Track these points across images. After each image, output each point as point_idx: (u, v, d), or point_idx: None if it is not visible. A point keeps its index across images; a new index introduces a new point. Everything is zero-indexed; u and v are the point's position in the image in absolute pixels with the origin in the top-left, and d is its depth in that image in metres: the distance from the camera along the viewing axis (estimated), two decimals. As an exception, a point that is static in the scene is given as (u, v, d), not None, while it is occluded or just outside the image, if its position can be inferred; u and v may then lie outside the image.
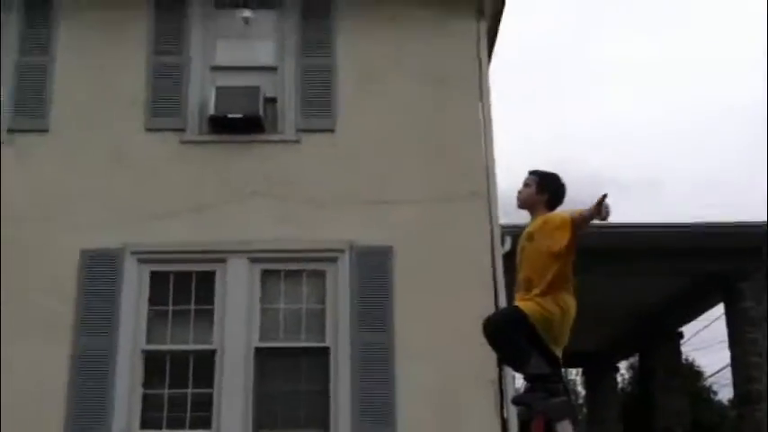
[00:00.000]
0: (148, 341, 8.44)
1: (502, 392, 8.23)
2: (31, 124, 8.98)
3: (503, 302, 8.41)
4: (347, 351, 8.28)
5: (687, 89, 67.44)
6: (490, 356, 8.15)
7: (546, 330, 4.82)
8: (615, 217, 4.70)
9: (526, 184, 5.18)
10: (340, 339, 8.34)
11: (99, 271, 8.47)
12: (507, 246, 8.79)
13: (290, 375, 8.43)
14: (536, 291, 4.84)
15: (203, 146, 9.10)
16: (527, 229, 5.11)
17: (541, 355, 4.78)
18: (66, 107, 9.06)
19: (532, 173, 5.23)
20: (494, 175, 9.02)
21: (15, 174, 8.71)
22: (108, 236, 8.54)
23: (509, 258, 9.09)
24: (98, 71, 9.26)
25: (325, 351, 8.39)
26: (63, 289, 8.40)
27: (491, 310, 8.32)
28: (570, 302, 4.90)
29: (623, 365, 21.27)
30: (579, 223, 4.76)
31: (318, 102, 9.18)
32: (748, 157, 54.32)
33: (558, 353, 4.89)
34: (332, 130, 9.09)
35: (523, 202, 5.20)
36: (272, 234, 8.65)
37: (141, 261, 8.56)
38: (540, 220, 5.02)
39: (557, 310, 4.81)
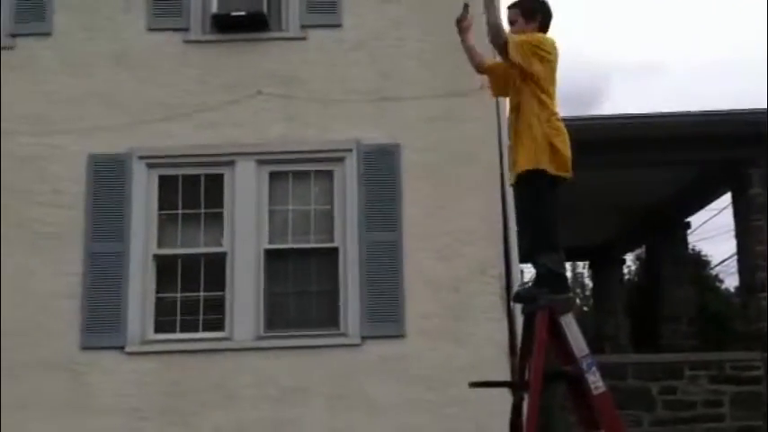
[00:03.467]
0: (159, 245, 8.53)
1: (509, 286, 8.35)
2: (32, 28, 8.84)
3: (510, 199, 8.46)
4: (356, 250, 8.36)
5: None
6: (497, 251, 8.36)
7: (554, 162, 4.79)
8: (619, 107, 4.63)
9: (511, 21, 5.05)
10: (348, 239, 8.41)
11: (107, 176, 8.50)
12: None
13: (300, 276, 8.53)
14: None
15: (207, 45, 8.98)
16: None
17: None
18: (68, 9, 8.91)
19: (512, 6, 5.11)
20: (501, 68, 8.91)
21: (18, 79, 8.65)
22: (115, 140, 8.53)
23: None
24: (98, -29, 9.08)
25: (334, 251, 8.47)
26: (72, 195, 8.46)
27: (498, 206, 8.42)
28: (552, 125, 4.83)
29: (630, 257, 21.46)
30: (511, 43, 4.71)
31: (323, -4, 8.98)
32: (757, 44, 53.18)
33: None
34: (338, 26, 8.93)
35: None
36: (278, 135, 8.64)
37: (149, 166, 8.58)
38: None
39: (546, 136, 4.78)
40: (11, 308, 8.11)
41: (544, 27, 5.03)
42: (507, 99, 5.27)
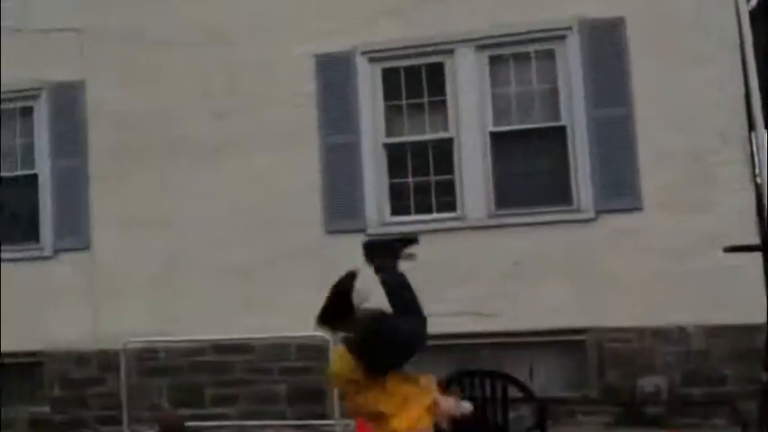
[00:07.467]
0: (388, 135, 8.74)
1: (753, 153, 7.83)
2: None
3: (751, 64, 7.91)
4: (584, 128, 8.14)
5: None
6: (739, 118, 7.84)
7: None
8: None
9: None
10: (576, 117, 8.19)
11: (334, 74, 8.77)
12: (754, 1, 8.14)
13: (528, 156, 8.41)
14: None
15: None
16: None
17: None
18: None
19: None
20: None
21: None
22: (337, 39, 8.73)
23: (755, 17, 8.44)
24: None
25: (561, 130, 8.29)
26: (304, 95, 8.79)
27: (738, 73, 7.87)
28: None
29: None
30: None
31: None
32: None
33: None
34: None
35: None
36: (495, 19, 8.46)
37: (372, 60, 8.75)
38: None
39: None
40: (262, 202, 8.74)
41: None
42: None
